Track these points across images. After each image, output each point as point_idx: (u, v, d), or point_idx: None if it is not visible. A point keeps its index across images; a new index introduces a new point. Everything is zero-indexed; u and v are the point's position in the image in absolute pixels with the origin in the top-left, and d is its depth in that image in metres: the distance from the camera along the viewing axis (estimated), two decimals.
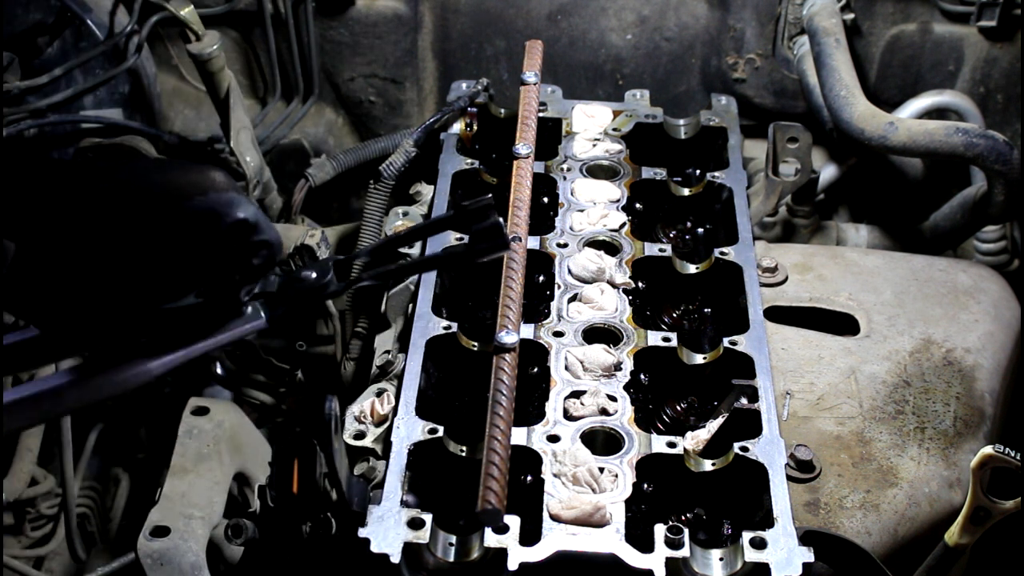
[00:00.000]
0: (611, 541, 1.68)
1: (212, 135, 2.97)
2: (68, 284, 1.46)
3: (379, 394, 1.99)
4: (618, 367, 1.99)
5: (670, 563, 1.66)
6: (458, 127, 2.58)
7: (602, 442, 1.87)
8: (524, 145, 2.29)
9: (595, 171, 2.47)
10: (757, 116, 3.20)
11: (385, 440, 1.90)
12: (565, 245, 2.24)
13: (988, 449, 1.73)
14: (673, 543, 1.68)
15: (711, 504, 1.89)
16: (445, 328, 2.06)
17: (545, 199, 2.42)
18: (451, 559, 1.70)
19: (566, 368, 1.99)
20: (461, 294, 2.27)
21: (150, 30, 2.91)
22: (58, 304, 1.48)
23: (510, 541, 1.67)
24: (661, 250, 2.25)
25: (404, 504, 1.75)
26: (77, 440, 2.45)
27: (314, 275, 1.67)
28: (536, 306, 2.19)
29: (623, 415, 1.90)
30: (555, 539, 1.68)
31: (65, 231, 1.44)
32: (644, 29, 3.22)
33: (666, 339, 2.06)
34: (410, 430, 1.87)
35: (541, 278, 2.23)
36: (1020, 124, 3.11)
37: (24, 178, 1.46)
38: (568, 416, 1.90)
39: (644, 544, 1.68)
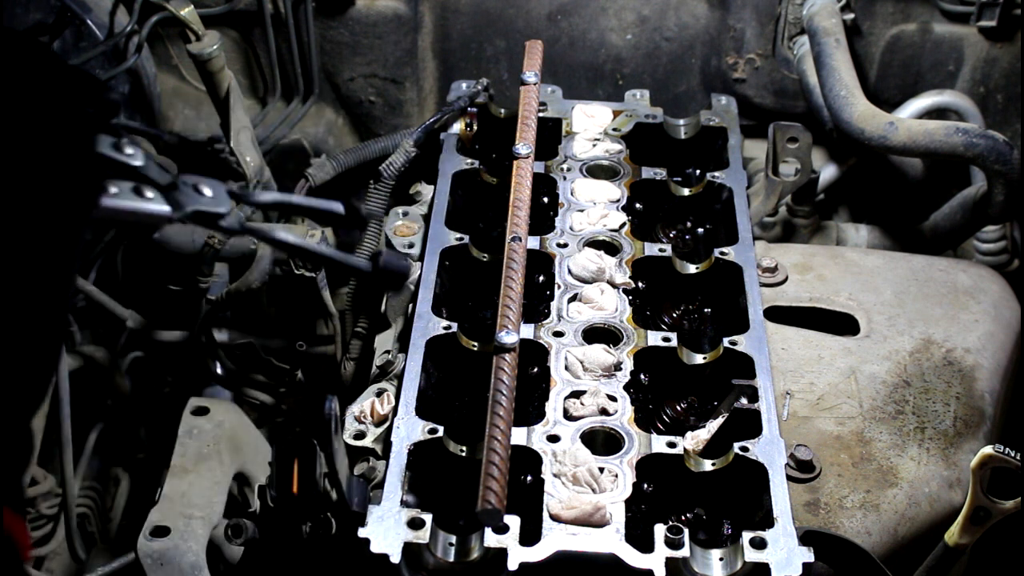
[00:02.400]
0: (611, 541, 1.68)
1: (212, 135, 2.97)
2: None
3: (379, 394, 1.99)
4: (618, 367, 1.99)
5: (670, 563, 1.66)
6: (458, 127, 2.58)
7: (602, 442, 1.87)
8: (524, 145, 2.29)
9: (595, 171, 2.47)
10: (757, 116, 3.20)
11: (385, 440, 1.90)
12: (565, 245, 2.24)
13: (988, 449, 1.73)
14: (673, 543, 1.68)
15: (711, 504, 1.89)
16: (445, 328, 2.06)
17: (545, 199, 2.42)
18: (451, 559, 1.70)
19: (566, 368, 1.99)
20: (461, 294, 2.27)
21: (150, 30, 2.91)
22: None
23: (510, 541, 1.67)
24: (661, 250, 2.25)
25: (404, 504, 1.75)
26: (77, 440, 2.44)
27: (209, 194, 1.47)
28: (536, 306, 2.19)
29: (623, 415, 1.90)
30: (555, 539, 1.68)
31: None
32: (644, 29, 3.22)
33: (666, 339, 2.06)
34: (410, 430, 1.87)
35: (541, 278, 2.23)
36: (1020, 124, 3.11)
37: None
38: (568, 416, 1.90)
39: (644, 544, 1.69)
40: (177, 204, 1.43)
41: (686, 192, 2.45)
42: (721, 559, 1.71)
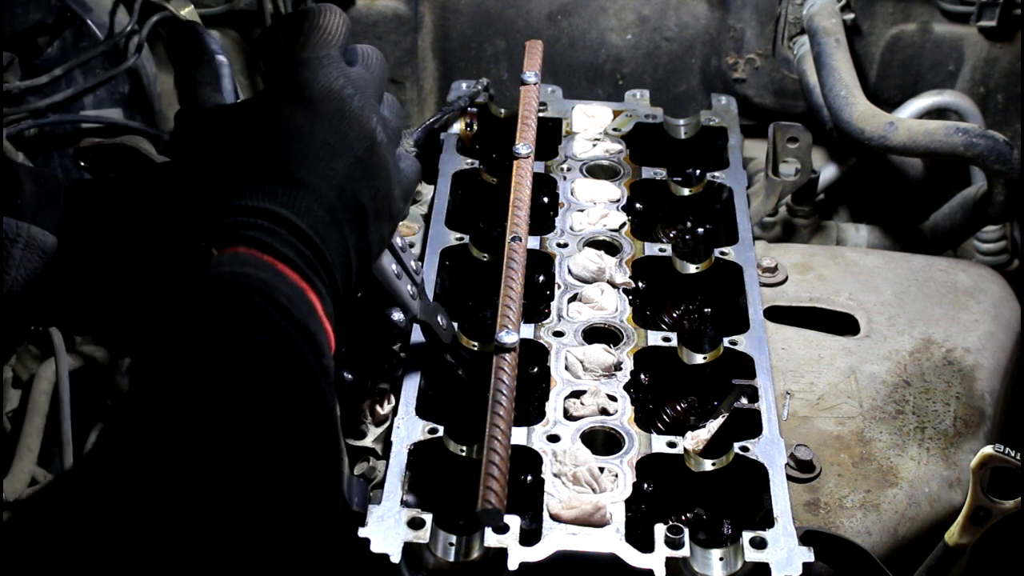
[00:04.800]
0: (611, 541, 1.68)
1: None
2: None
3: (379, 394, 1.99)
4: (618, 367, 1.99)
5: (670, 563, 1.66)
6: (458, 127, 2.58)
7: (602, 442, 1.87)
8: (524, 145, 2.29)
9: (595, 171, 2.47)
10: (757, 116, 3.20)
11: (385, 440, 1.90)
12: (565, 245, 2.24)
13: (988, 449, 1.73)
14: (673, 543, 1.68)
15: (711, 504, 1.89)
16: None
17: (545, 199, 2.42)
18: (451, 559, 1.70)
19: (566, 368, 1.99)
20: (461, 294, 2.27)
21: (150, 30, 2.91)
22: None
23: (510, 541, 1.67)
24: (661, 250, 2.25)
25: (404, 504, 1.75)
26: (77, 440, 2.44)
27: (444, 325, 1.95)
28: (536, 306, 2.19)
29: (623, 415, 1.90)
30: (555, 539, 1.68)
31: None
32: (644, 29, 3.22)
33: (666, 339, 2.06)
34: (410, 430, 1.87)
35: (541, 278, 2.23)
36: (1020, 124, 3.11)
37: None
38: (568, 416, 1.90)
39: (644, 544, 1.68)
40: (421, 310, 1.83)
41: (686, 192, 2.45)
42: (721, 559, 1.71)
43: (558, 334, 2.05)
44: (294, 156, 1.30)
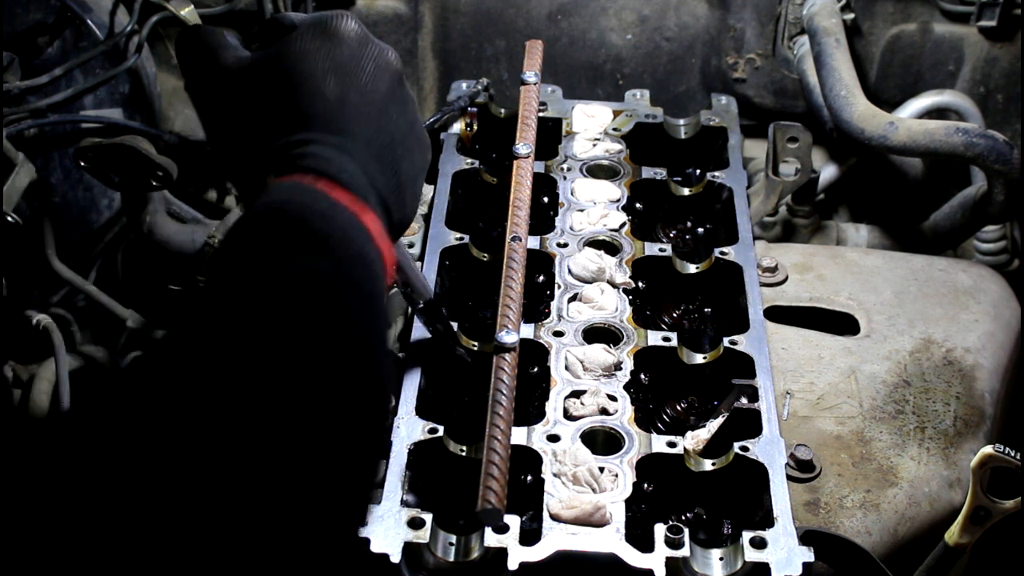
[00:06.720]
0: (611, 541, 1.68)
1: None
2: None
3: None
4: (618, 367, 1.99)
5: (670, 563, 1.66)
6: (458, 127, 2.57)
7: (602, 442, 1.87)
8: (524, 145, 2.29)
9: (595, 171, 2.47)
10: (757, 116, 3.20)
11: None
12: (565, 245, 2.24)
13: (988, 449, 1.73)
14: (673, 543, 1.68)
15: (711, 504, 1.89)
16: None
17: (545, 199, 2.42)
18: (451, 559, 1.70)
19: (566, 368, 1.99)
20: (461, 294, 2.27)
21: (150, 30, 2.91)
22: None
23: (510, 541, 1.67)
24: (661, 250, 2.25)
25: (404, 504, 1.75)
26: None
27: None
28: (536, 306, 2.19)
29: (623, 415, 1.90)
30: (555, 539, 1.68)
31: None
32: (644, 29, 3.22)
33: (666, 339, 2.07)
34: (410, 430, 1.87)
35: (541, 278, 2.23)
36: (1020, 124, 3.11)
37: None
38: (568, 416, 1.90)
39: (644, 544, 1.69)
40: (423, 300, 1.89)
41: (686, 192, 2.45)
42: (721, 559, 1.71)
43: (558, 334, 2.05)
44: (338, 96, 1.36)
